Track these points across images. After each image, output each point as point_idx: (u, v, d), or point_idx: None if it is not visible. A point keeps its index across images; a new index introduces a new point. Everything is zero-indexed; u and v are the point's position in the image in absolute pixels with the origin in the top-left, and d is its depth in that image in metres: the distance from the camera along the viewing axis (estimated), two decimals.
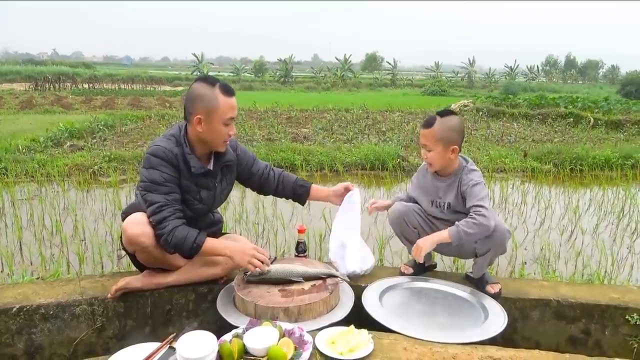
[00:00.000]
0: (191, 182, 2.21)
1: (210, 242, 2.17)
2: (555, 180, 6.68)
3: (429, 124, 2.37)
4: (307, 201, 2.69)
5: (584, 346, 2.38)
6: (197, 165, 2.19)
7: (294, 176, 2.61)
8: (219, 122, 2.12)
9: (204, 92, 2.11)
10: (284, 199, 2.68)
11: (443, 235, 2.30)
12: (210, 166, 2.29)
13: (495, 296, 2.36)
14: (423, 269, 2.67)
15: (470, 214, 2.28)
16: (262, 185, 2.56)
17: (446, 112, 2.41)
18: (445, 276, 2.66)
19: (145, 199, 2.13)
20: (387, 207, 2.67)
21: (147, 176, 2.12)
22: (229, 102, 2.14)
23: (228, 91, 2.15)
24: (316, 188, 2.61)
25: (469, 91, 30.30)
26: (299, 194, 2.58)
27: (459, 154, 2.44)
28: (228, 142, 2.25)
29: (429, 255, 2.71)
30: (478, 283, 2.47)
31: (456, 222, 2.29)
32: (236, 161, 2.41)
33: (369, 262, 2.57)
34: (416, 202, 2.63)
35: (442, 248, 2.57)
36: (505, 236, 2.37)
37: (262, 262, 2.17)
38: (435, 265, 2.78)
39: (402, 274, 2.62)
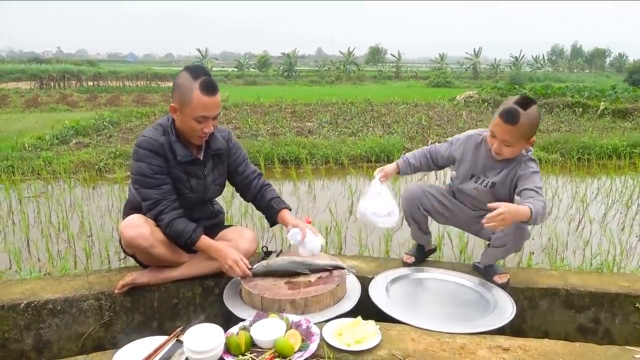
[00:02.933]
0: (180, 171, 2.20)
1: (203, 241, 2.19)
2: (562, 169, 6.63)
3: (514, 119, 2.10)
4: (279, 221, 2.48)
5: (593, 335, 2.36)
6: (182, 153, 2.17)
7: (274, 193, 2.47)
8: (189, 116, 2.08)
9: (183, 83, 2.07)
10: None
11: (524, 210, 1.99)
12: (200, 155, 2.27)
13: (503, 286, 2.33)
14: (424, 255, 2.65)
15: (533, 197, 2.09)
16: (244, 188, 2.48)
17: (526, 102, 2.13)
18: (452, 267, 2.64)
19: (139, 193, 2.17)
20: (393, 172, 2.51)
21: (137, 170, 2.14)
22: (203, 100, 2.05)
23: (207, 89, 2.06)
24: (285, 215, 2.42)
25: (474, 82, 30.07)
26: (269, 214, 2.47)
27: None
28: (206, 138, 2.20)
29: (429, 241, 2.68)
30: (486, 273, 2.44)
31: (532, 201, 2.06)
32: (227, 152, 2.38)
33: (395, 214, 2.40)
34: (436, 166, 2.52)
35: (461, 221, 2.50)
36: (525, 236, 2.27)
37: (242, 270, 2.16)
38: (435, 249, 2.75)
39: (406, 263, 2.59)
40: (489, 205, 2.01)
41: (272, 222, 2.50)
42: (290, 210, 2.48)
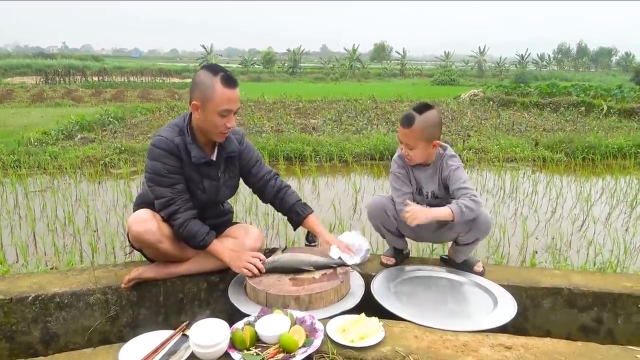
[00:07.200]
0: (193, 172, 2.22)
1: (214, 245, 2.23)
2: (566, 169, 6.61)
3: (408, 123, 2.26)
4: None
5: (596, 334, 2.37)
6: (197, 155, 2.19)
7: (296, 197, 2.46)
8: (213, 112, 2.10)
9: (204, 80, 2.10)
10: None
11: (444, 212, 2.21)
12: (214, 156, 2.28)
13: (482, 274, 2.45)
14: (402, 256, 2.66)
15: (463, 197, 2.24)
16: (260, 190, 2.48)
17: (424, 108, 2.30)
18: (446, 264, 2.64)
19: (152, 191, 2.18)
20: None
21: (151, 168, 2.16)
22: (226, 93, 2.09)
23: (229, 82, 2.10)
24: (312, 221, 2.44)
25: (479, 80, 30.00)
26: (294, 220, 2.47)
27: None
28: (228, 134, 2.22)
29: (405, 243, 2.69)
30: (465, 266, 2.51)
31: (455, 201, 2.24)
32: (240, 154, 2.38)
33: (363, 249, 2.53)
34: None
35: (421, 234, 2.55)
36: (488, 222, 2.39)
37: (258, 267, 2.18)
38: (408, 253, 2.76)
39: (385, 265, 2.58)
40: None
41: (297, 226, 2.50)
42: (312, 212, 2.47)
